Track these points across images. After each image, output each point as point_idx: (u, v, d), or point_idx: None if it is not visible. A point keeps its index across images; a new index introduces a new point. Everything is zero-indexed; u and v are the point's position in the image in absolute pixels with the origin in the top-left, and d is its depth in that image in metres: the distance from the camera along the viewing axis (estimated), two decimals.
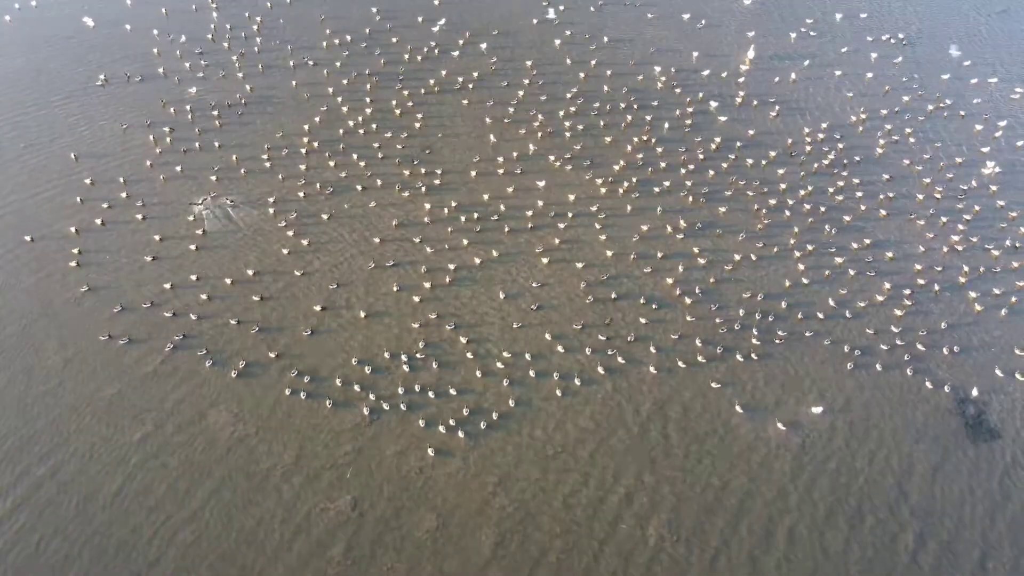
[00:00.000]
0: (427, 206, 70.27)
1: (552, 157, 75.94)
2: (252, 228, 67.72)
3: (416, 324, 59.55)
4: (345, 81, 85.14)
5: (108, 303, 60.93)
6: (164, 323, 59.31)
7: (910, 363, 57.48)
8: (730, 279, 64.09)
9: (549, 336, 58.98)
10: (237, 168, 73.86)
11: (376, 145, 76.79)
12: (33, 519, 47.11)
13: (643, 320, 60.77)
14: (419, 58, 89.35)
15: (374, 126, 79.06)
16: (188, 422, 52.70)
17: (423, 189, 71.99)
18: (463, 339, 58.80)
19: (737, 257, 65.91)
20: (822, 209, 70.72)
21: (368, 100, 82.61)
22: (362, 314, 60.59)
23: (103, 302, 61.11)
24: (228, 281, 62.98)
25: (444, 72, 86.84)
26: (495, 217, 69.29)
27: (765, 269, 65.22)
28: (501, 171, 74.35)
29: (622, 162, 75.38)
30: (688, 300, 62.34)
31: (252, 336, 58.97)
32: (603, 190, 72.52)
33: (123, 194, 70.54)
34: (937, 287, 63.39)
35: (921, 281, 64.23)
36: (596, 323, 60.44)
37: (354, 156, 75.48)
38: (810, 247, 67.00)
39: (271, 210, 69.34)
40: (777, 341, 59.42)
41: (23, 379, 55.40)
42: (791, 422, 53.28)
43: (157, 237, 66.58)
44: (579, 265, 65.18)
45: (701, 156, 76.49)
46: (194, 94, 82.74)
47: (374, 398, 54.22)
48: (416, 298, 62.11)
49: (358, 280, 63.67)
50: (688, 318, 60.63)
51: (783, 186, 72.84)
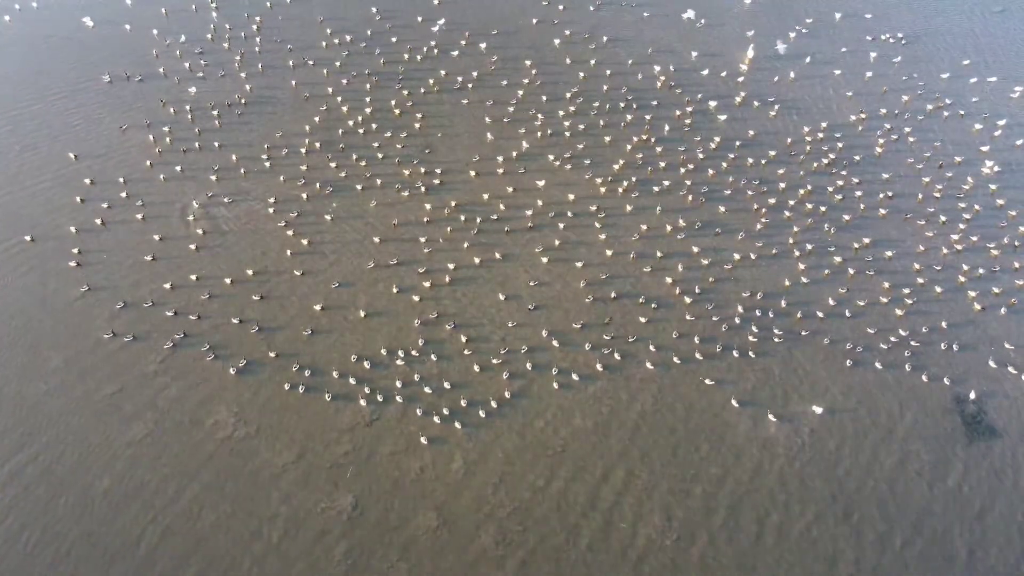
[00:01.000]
0: (427, 206, 70.39)
1: (552, 156, 76.08)
2: (252, 228, 67.72)
3: (416, 322, 59.67)
4: (345, 81, 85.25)
5: (108, 302, 61.05)
6: (164, 322, 59.42)
7: (909, 362, 57.63)
8: (729, 278, 64.20)
9: (548, 334, 59.09)
10: (237, 168, 73.97)
11: (376, 145, 76.90)
12: (30, 517, 47.15)
13: (642, 319, 60.90)
14: (419, 58, 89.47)
15: (374, 126, 79.18)
16: (189, 421, 52.81)
17: (423, 189, 72.11)
18: (463, 337, 58.92)
19: (737, 256, 66.05)
20: (822, 209, 70.87)
21: (368, 100, 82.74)
22: (362, 313, 60.71)
23: (103, 301, 61.21)
24: (228, 281, 63.09)
25: (444, 72, 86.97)
26: (495, 216, 69.42)
27: (764, 268, 65.34)
28: (501, 170, 74.47)
29: (621, 161, 75.50)
30: (687, 299, 62.47)
31: (252, 335, 59.06)
32: (603, 189, 72.64)
33: (123, 194, 70.65)
34: (938, 288, 63.38)
35: (921, 280, 64.36)
36: (596, 322, 60.56)
37: (354, 156, 75.60)
38: (809, 246, 67.14)
39: (271, 210, 69.46)
40: (776, 340, 59.54)
41: (23, 378, 55.51)
42: (790, 420, 53.40)
43: (157, 237, 66.67)
44: (579, 264, 65.32)
45: (701, 156, 76.62)
46: (194, 94, 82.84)
47: (374, 397, 54.30)
48: (416, 297, 62.24)
49: (358, 280, 63.76)
50: (687, 317, 60.77)
51: (782, 185, 72.99)
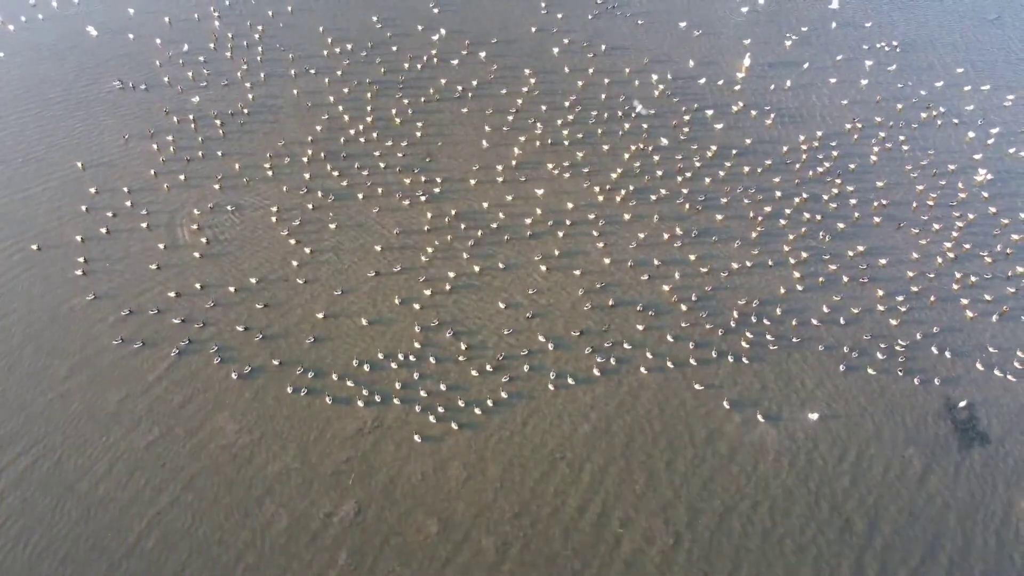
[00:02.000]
0: (428, 214, 71.34)
1: (551, 165, 77.03)
2: (255, 236, 68.64)
3: (417, 330, 60.61)
4: (346, 90, 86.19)
5: (114, 310, 62.02)
6: (169, 330, 60.38)
7: (902, 368, 58.61)
8: (726, 286, 65.16)
9: (547, 341, 60.05)
10: (240, 176, 74.91)
11: (377, 153, 77.84)
12: (33, 524, 48.05)
13: (640, 326, 61.86)
14: (419, 66, 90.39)
15: (375, 134, 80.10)
16: (194, 429, 53.76)
17: (423, 197, 73.07)
18: (463, 344, 59.87)
19: (733, 264, 67.01)
20: (817, 217, 71.71)
21: (369, 108, 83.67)
22: (364, 321, 61.62)
23: (109, 309, 62.17)
24: (232, 289, 64.02)
25: (444, 80, 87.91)
26: (494, 225, 70.36)
27: (760, 276, 66.30)
28: (500, 179, 75.41)
29: (619, 170, 76.47)
30: (684, 307, 63.44)
31: (256, 343, 60.01)
32: (601, 198, 73.58)
33: (127, 203, 71.55)
34: (931, 296, 64.34)
35: (914, 288, 65.29)
36: (594, 329, 61.48)
37: (355, 164, 76.54)
38: (805, 254, 68.07)
39: (274, 218, 70.39)
40: (772, 347, 60.53)
41: (31, 386, 56.45)
42: (784, 426, 54.34)
43: (161, 246, 67.59)
44: (577, 273, 66.27)
45: (698, 164, 77.56)
46: (197, 103, 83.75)
47: (376, 404, 55.31)
48: (417, 305, 63.19)
49: (360, 288, 64.70)
50: (684, 324, 61.72)
51: (778, 194, 73.95)
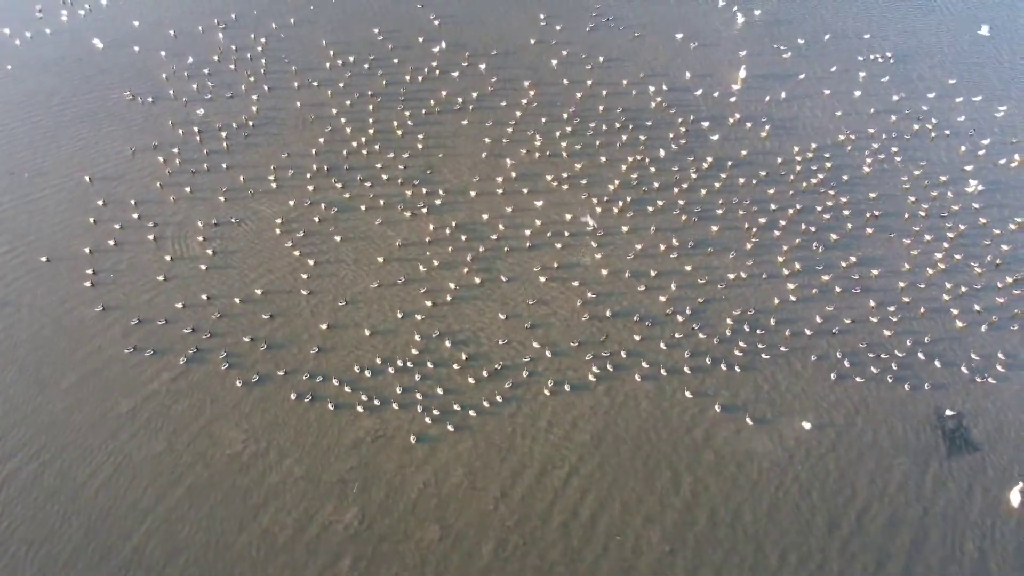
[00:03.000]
0: (429, 226, 72.77)
1: (549, 177, 78.47)
2: (260, 248, 70.07)
3: (419, 340, 62.04)
4: (348, 102, 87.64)
5: (123, 321, 63.44)
6: (177, 340, 61.83)
7: (893, 377, 60.07)
8: (720, 297, 66.59)
9: (548, 351, 61.55)
10: (245, 189, 76.34)
11: (379, 166, 79.29)
12: (42, 534, 49.44)
13: (637, 337, 63.27)
14: (420, 78, 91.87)
15: (377, 146, 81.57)
16: (201, 438, 55.14)
17: (425, 209, 74.51)
18: (463, 354, 61.31)
19: (729, 275, 68.45)
20: (811, 228, 73.12)
21: (371, 121, 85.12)
22: (367, 332, 63.02)
23: (117, 321, 63.58)
24: (238, 300, 65.40)
25: (444, 92, 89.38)
26: (494, 236, 71.80)
27: (754, 287, 67.72)
28: (500, 191, 76.85)
29: (617, 182, 77.92)
30: (680, 318, 64.82)
31: (262, 353, 61.42)
32: (599, 209, 75.02)
33: (135, 215, 72.95)
34: (922, 306, 65.75)
35: (906, 299, 66.72)
36: (592, 339, 62.91)
37: (358, 176, 77.97)
38: (798, 265, 69.50)
39: (278, 230, 71.79)
40: (765, 356, 61.96)
41: (40, 397, 57.84)
42: (777, 435, 55.75)
43: (168, 257, 69.01)
44: (575, 284, 67.65)
45: (694, 175, 79.02)
46: (202, 115, 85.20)
47: (380, 413, 56.76)
48: (419, 316, 64.59)
49: (363, 299, 66.12)
50: (678, 334, 63.12)
51: (773, 206, 75.39)
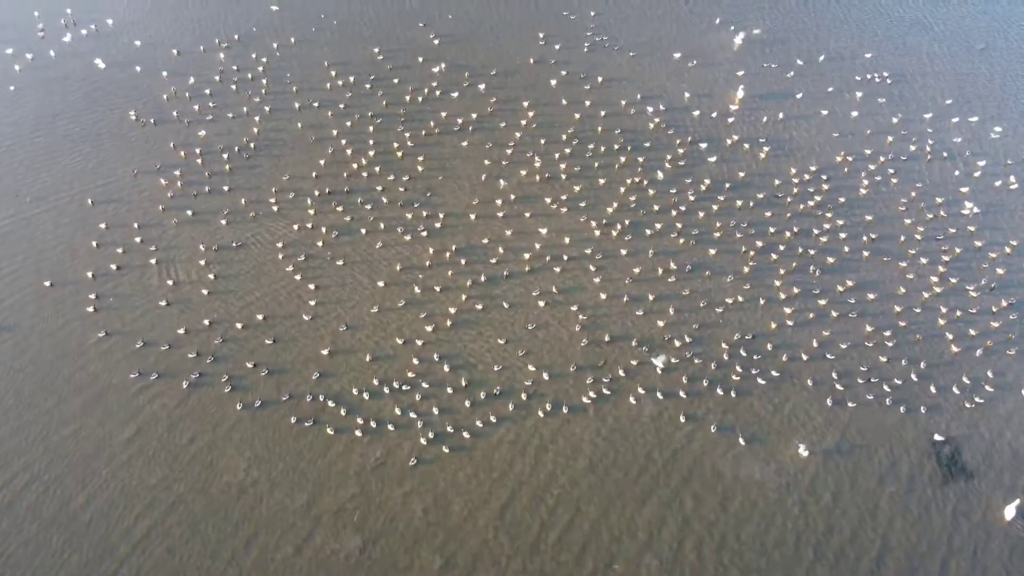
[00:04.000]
0: (429, 249, 73.64)
1: (548, 199, 79.35)
2: (261, 272, 70.92)
3: (418, 363, 62.93)
4: (348, 123, 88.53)
5: (125, 347, 64.28)
6: (179, 366, 62.68)
7: (889, 403, 60.88)
8: (718, 322, 67.42)
9: (546, 376, 62.35)
10: (246, 211, 77.20)
11: (379, 188, 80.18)
12: (47, 561, 50.18)
13: (634, 362, 64.08)
14: (420, 99, 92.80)
15: (377, 168, 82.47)
16: (203, 465, 55.94)
17: (425, 232, 75.38)
18: (463, 380, 62.13)
19: (726, 300, 69.32)
20: (809, 252, 73.99)
21: (371, 142, 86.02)
22: (368, 358, 63.85)
23: (120, 346, 64.44)
24: (239, 325, 66.22)
25: (444, 113, 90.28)
26: (493, 260, 72.68)
27: (752, 311, 68.55)
28: (500, 213, 77.73)
29: (615, 204, 78.78)
30: (677, 343, 65.61)
31: (263, 379, 62.26)
32: (597, 232, 75.87)
33: (137, 239, 73.83)
34: (918, 331, 66.66)
35: (902, 323, 67.54)
36: (591, 364, 63.75)
37: (358, 199, 78.86)
38: (795, 289, 70.36)
39: (280, 255, 72.64)
40: (761, 381, 62.77)
41: (45, 422, 58.68)
42: (773, 460, 56.51)
43: (170, 282, 69.88)
44: (574, 308, 68.48)
45: (692, 198, 79.90)
46: (203, 137, 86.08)
47: (380, 440, 57.58)
48: (419, 341, 65.41)
49: (364, 324, 66.96)
50: (676, 359, 63.90)
51: (771, 228, 76.26)
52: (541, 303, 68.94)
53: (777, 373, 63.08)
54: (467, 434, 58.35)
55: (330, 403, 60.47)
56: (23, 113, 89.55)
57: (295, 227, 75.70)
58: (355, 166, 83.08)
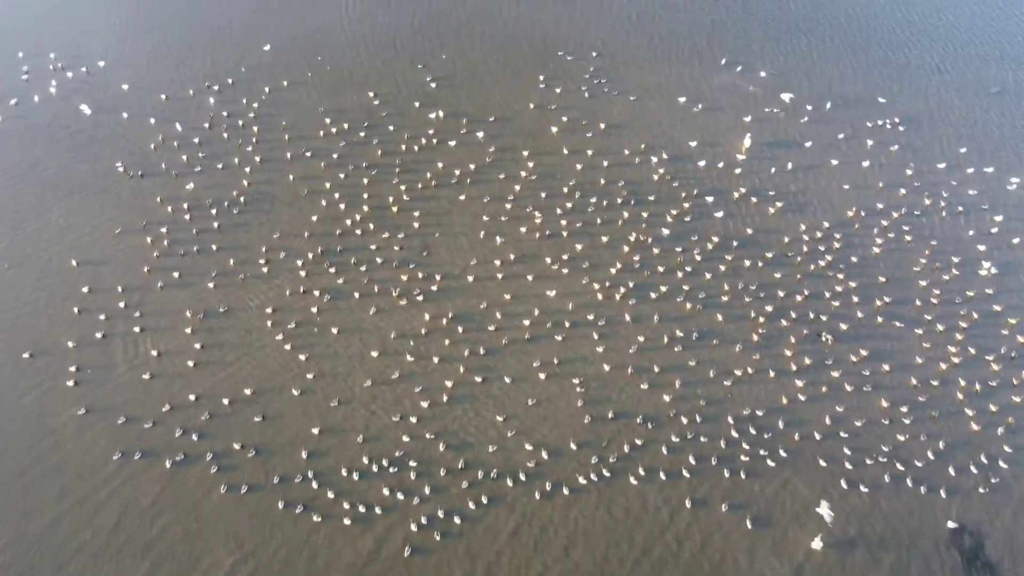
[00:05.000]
0: (425, 315, 72.03)
1: (549, 259, 77.81)
2: (250, 341, 69.25)
3: (412, 442, 61.66)
4: (342, 175, 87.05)
5: (106, 425, 62.62)
6: (163, 445, 61.23)
7: (906, 487, 59.34)
8: (726, 397, 65.78)
9: (547, 455, 61.06)
10: (235, 273, 75.62)
11: (374, 247, 78.59)
12: None
13: (639, 441, 62.46)
14: (416, 148, 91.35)
15: (371, 225, 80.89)
16: (186, 559, 54.11)
17: (420, 296, 73.82)
18: (461, 462, 60.62)
19: (736, 371, 67.75)
20: (822, 317, 72.36)
21: (365, 196, 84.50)
22: (360, 438, 62.11)
23: (101, 425, 62.84)
24: (226, 401, 64.50)
25: (441, 164, 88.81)
26: (492, 328, 71.07)
27: (762, 384, 66.94)
28: (499, 275, 76.21)
29: (619, 264, 77.25)
30: (684, 419, 63.96)
31: (250, 460, 60.65)
32: (600, 296, 74.30)
33: (121, 304, 72.19)
34: (936, 407, 65.11)
35: (919, 398, 65.90)
36: (593, 442, 62.26)
37: (352, 259, 77.30)
38: (807, 360, 68.72)
39: (269, 322, 71.01)
40: (771, 463, 61.14)
41: (20, 510, 57.10)
42: (785, 549, 54.66)
43: (155, 352, 68.19)
44: (576, 381, 66.84)
45: (698, 257, 78.35)
46: (191, 190, 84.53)
47: (373, 525, 55.97)
48: (413, 419, 63.71)
49: (356, 398, 65.37)
50: (681, 437, 62.44)
51: (781, 292, 74.69)
52: (542, 375, 67.30)
53: (789, 453, 61.41)
54: (458, 518, 57.04)
55: (320, 487, 58.78)
56: (3, 162, 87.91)
57: (286, 291, 74.09)
58: (348, 222, 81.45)
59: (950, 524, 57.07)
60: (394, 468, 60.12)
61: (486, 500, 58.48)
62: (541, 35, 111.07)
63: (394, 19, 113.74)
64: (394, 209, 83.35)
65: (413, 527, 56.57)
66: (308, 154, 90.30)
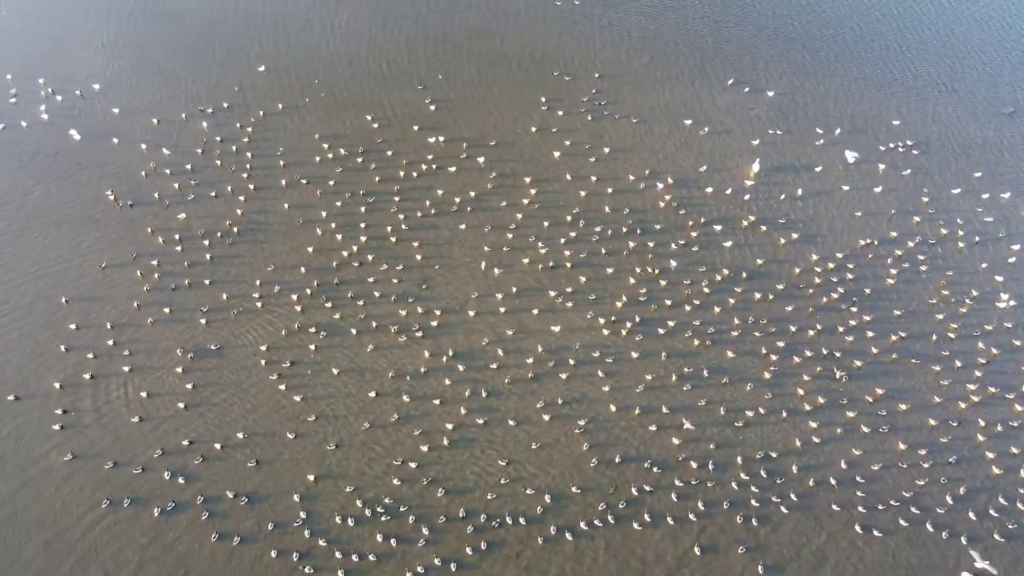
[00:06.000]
0: (425, 353, 70.65)
1: (553, 292, 76.49)
2: (242, 381, 67.89)
3: (410, 489, 60.36)
4: (339, 203, 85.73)
5: (94, 472, 61.16)
6: (152, 492, 59.87)
7: (926, 535, 57.99)
8: (737, 439, 64.34)
9: (551, 500, 59.96)
10: (228, 308, 74.21)
11: (371, 280, 77.21)
12: None
13: (648, 487, 61.07)
14: (415, 174, 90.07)
15: (370, 256, 79.53)
16: None
17: (420, 333, 72.36)
18: (462, 511, 59.26)
19: (747, 412, 66.47)
20: (836, 353, 71.01)
21: (363, 225, 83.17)
22: (357, 483, 60.85)
23: (88, 472, 61.40)
24: (218, 446, 63.07)
25: (441, 191, 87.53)
26: (494, 366, 69.73)
27: (774, 425, 65.57)
28: (501, 308, 74.82)
29: (624, 297, 75.90)
30: (694, 464, 62.54)
31: (242, 508, 59.26)
32: (606, 331, 72.93)
33: (109, 341, 70.77)
34: (955, 452, 63.67)
35: (938, 439, 64.51)
36: (599, 488, 60.96)
37: (349, 293, 75.91)
38: (821, 399, 67.29)
39: (263, 360, 69.61)
40: (784, 510, 59.73)
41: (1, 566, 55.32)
42: None
43: (144, 394, 66.78)
44: (581, 422, 65.41)
45: (707, 289, 77.03)
46: (183, 220, 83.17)
47: None
48: (413, 464, 62.24)
49: (353, 442, 64.01)
50: (682, 483, 61.37)
51: (792, 327, 73.33)
52: (546, 416, 65.92)
53: (803, 499, 59.98)
54: (456, 567, 55.30)
55: (316, 537, 57.27)
56: None
57: (279, 327, 72.64)
58: (345, 253, 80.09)
59: (965, 575, 55.65)
60: (391, 515, 58.67)
61: (485, 546, 56.95)
62: (541, 54, 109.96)
63: (391, 39, 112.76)
64: (392, 239, 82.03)
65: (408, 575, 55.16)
66: (304, 181, 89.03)
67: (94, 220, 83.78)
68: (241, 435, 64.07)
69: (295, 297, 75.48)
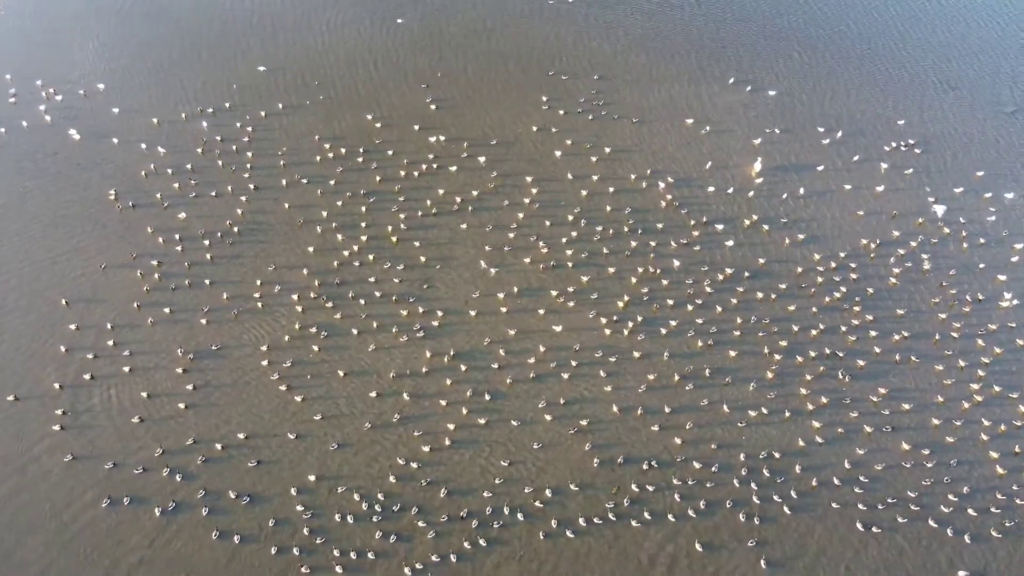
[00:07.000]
0: (426, 352, 70.69)
1: (554, 292, 76.49)
2: (243, 382, 67.94)
3: (413, 492, 60.31)
4: (339, 203, 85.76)
5: (94, 473, 61.20)
6: (153, 492, 59.88)
7: (927, 535, 58.06)
8: (739, 440, 64.37)
9: (554, 502, 59.79)
10: (228, 309, 74.25)
11: (372, 280, 77.23)
12: None
13: (651, 488, 61.06)
14: (416, 174, 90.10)
15: (370, 256, 79.55)
16: None
17: (421, 333, 72.38)
18: (463, 512, 59.33)
19: (749, 412, 66.52)
20: (839, 354, 70.99)
21: (363, 225, 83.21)
22: (359, 483, 60.91)
23: (88, 472, 61.44)
24: (219, 446, 63.10)
25: (442, 191, 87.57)
26: (496, 366, 69.75)
27: (777, 426, 65.59)
28: (503, 308, 74.88)
29: (626, 297, 75.92)
30: (697, 464, 62.53)
31: (243, 509, 59.34)
32: (608, 331, 72.92)
33: (110, 342, 70.79)
34: (958, 450, 63.79)
35: (941, 439, 64.41)
36: (602, 488, 60.90)
37: (350, 293, 75.92)
38: (824, 399, 67.33)
39: (264, 361, 69.63)
40: (787, 510, 59.75)
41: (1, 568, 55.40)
42: None
43: (144, 394, 66.79)
44: (583, 423, 65.42)
45: (709, 289, 77.06)
46: (183, 220, 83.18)
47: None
48: (414, 464, 62.31)
49: (355, 442, 64.04)
50: (681, 482, 61.46)
51: (795, 326, 73.37)
52: (548, 417, 65.97)
53: (806, 499, 60.01)
54: (456, 559, 55.38)
55: (318, 536, 57.31)
56: None
57: (280, 327, 72.69)
58: (346, 253, 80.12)
59: (961, 573, 55.86)
60: (391, 514, 58.64)
61: (485, 543, 57.08)
62: (541, 53, 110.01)
63: (391, 38, 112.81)
64: (393, 239, 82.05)
65: (408, 571, 55.03)
66: (304, 181, 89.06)
67: (94, 220, 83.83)
68: (242, 435, 64.12)
69: (296, 297, 75.49)
